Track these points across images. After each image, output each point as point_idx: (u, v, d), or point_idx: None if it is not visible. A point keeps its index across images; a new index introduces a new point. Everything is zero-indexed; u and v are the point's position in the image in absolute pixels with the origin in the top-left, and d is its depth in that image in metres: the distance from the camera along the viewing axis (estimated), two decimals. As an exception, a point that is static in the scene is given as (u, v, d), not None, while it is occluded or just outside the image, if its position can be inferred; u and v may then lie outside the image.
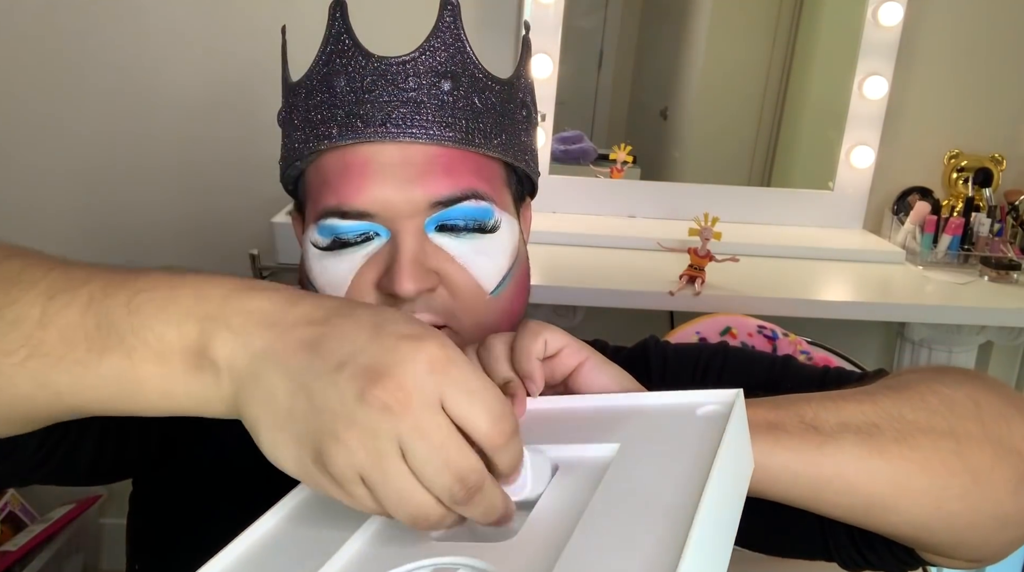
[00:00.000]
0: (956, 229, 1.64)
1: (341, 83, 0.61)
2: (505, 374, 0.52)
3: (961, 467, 0.50)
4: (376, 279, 0.61)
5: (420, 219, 0.61)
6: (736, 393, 0.45)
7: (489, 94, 0.63)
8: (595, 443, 0.44)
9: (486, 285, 0.63)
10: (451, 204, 0.61)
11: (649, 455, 0.41)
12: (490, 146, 0.63)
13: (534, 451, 0.41)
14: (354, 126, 0.60)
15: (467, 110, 0.62)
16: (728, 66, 2.02)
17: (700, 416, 0.45)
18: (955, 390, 0.54)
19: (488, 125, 0.63)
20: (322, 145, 0.61)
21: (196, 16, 1.64)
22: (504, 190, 0.66)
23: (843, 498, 0.50)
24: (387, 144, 0.60)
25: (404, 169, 0.60)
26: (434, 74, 0.61)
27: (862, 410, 0.52)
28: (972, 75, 1.79)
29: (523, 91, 0.67)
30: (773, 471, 0.49)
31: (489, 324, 0.63)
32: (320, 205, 0.62)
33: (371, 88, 0.60)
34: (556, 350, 0.53)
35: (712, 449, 0.40)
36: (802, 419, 0.51)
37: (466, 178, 0.61)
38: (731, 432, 0.41)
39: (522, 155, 0.67)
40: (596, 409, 0.49)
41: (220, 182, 1.72)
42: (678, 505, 0.36)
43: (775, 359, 0.68)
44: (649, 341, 0.73)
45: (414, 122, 0.60)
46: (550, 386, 0.54)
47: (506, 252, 0.64)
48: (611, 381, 0.53)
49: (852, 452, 0.49)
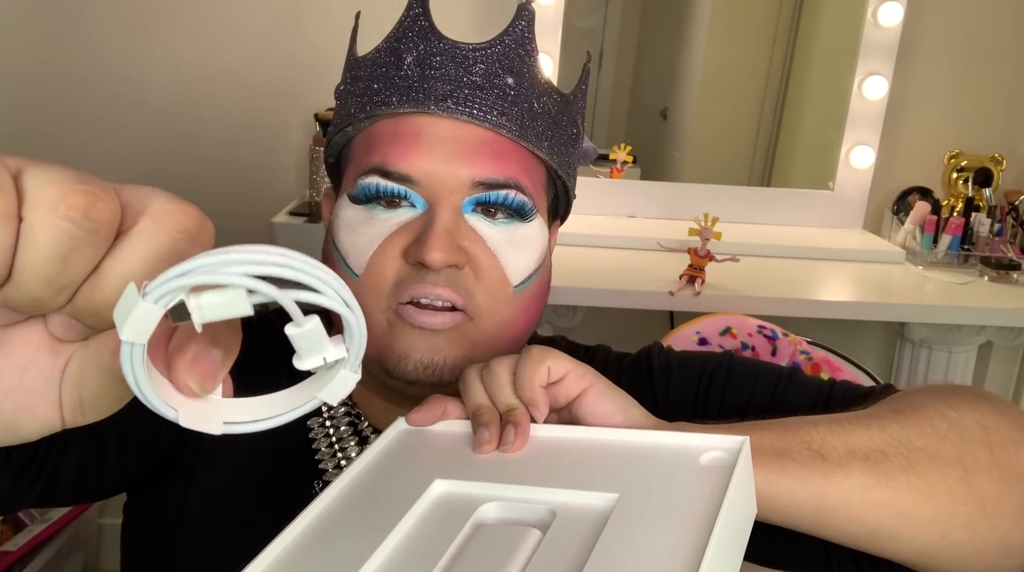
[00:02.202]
0: (956, 229, 1.64)
1: (410, 59, 0.62)
2: (509, 401, 0.51)
3: (968, 496, 0.50)
4: (405, 247, 0.60)
5: (460, 197, 0.61)
6: (742, 441, 0.44)
7: (547, 101, 0.64)
8: (593, 490, 0.43)
9: (512, 277, 0.62)
10: (494, 188, 0.61)
11: (649, 510, 0.40)
12: (540, 146, 0.63)
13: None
14: (415, 97, 0.61)
15: (525, 107, 0.62)
16: (728, 66, 2.02)
17: (704, 465, 0.44)
18: (964, 414, 0.54)
19: (541, 128, 0.64)
20: (379, 110, 0.62)
21: (197, 16, 1.64)
22: (543, 196, 0.66)
23: (848, 526, 0.50)
24: (444, 119, 0.61)
25: (455, 145, 0.60)
26: (501, 67, 0.62)
27: (870, 436, 0.51)
28: (972, 75, 1.79)
29: (577, 112, 0.68)
30: (779, 498, 0.49)
31: (505, 318, 0.63)
32: (363, 164, 0.62)
33: (439, 66, 0.61)
34: (560, 376, 0.52)
35: (715, 505, 0.39)
36: (809, 446, 0.50)
37: (513, 168, 0.62)
38: (735, 485, 0.40)
39: (566, 167, 0.67)
40: (598, 446, 0.48)
41: (220, 182, 1.72)
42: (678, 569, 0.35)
43: (781, 372, 0.67)
44: (653, 348, 0.72)
45: (474, 104, 0.61)
46: (554, 411, 0.53)
47: (536, 251, 0.64)
48: (615, 409, 0.52)
49: (858, 481, 0.49)
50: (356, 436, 0.68)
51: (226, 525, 0.65)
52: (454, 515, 0.43)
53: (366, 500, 0.45)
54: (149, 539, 0.68)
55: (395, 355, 0.61)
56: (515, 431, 0.49)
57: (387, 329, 0.61)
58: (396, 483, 0.46)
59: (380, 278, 0.61)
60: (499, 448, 0.49)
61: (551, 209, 0.69)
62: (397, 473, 0.48)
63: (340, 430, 0.67)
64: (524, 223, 0.63)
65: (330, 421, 0.68)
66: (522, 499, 0.43)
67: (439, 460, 0.49)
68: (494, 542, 0.40)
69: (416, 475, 0.46)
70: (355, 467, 0.48)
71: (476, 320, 0.62)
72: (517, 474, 0.46)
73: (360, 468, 0.49)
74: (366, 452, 0.50)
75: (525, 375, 0.51)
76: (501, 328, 0.63)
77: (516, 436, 0.49)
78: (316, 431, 0.67)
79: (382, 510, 0.43)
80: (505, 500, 0.44)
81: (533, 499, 0.43)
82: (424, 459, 0.50)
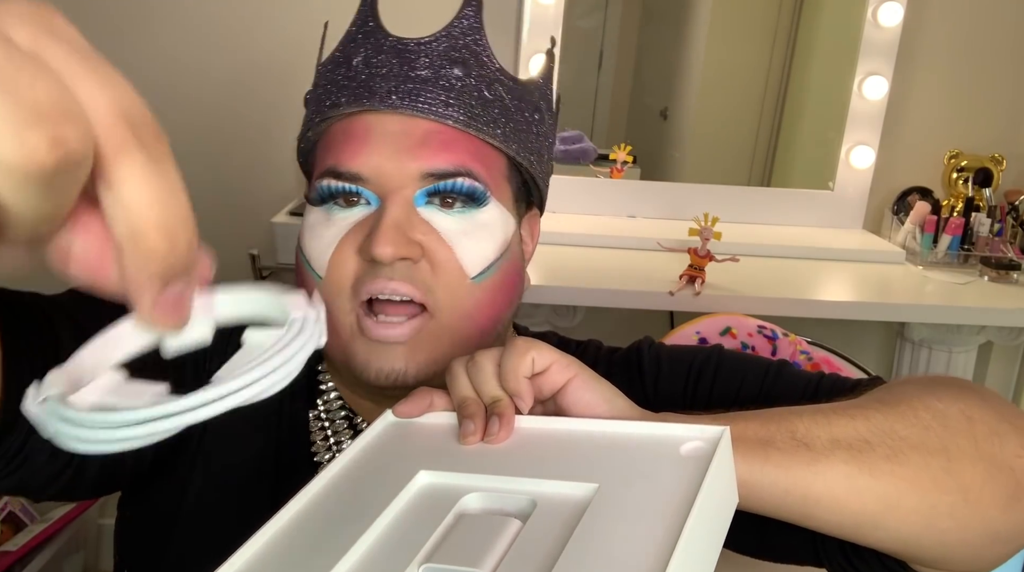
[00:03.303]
0: (956, 229, 1.64)
1: (359, 59, 0.64)
2: (494, 392, 0.52)
3: (952, 485, 0.50)
4: (359, 245, 0.61)
5: (411, 190, 0.61)
6: (722, 431, 0.45)
7: (500, 88, 0.64)
8: (573, 480, 0.43)
9: (469, 268, 0.62)
10: (443, 178, 0.61)
11: (627, 500, 0.41)
12: (492, 134, 0.63)
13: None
14: (361, 96, 0.62)
15: (474, 96, 0.63)
16: (728, 66, 2.02)
17: (684, 454, 0.44)
18: (949, 405, 0.54)
19: (493, 115, 0.64)
20: (331, 112, 0.64)
21: (198, 18, 1.64)
22: (504, 184, 0.66)
23: (832, 515, 0.50)
24: (390, 114, 0.62)
25: (401, 139, 0.61)
26: (446, 59, 0.62)
27: (854, 426, 0.51)
28: (972, 75, 1.79)
29: (540, 97, 0.68)
30: (763, 488, 0.49)
31: (466, 310, 0.63)
32: (320, 167, 0.64)
33: (384, 63, 0.62)
34: (544, 367, 0.52)
35: (692, 494, 0.39)
36: (793, 435, 0.50)
37: (462, 156, 0.62)
38: (713, 475, 0.41)
39: (527, 154, 0.67)
40: (580, 437, 0.49)
41: (220, 182, 1.72)
42: (651, 562, 0.35)
43: (769, 365, 0.67)
44: (643, 343, 0.73)
45: (419, 98, 0.61)
46: (539, 402, 0.53)
47: (495, 240, 0.64)
48: (600, 399, 0.53)
49: (842, 470, 0.49)
50: (351, 429, 0.69)
51: (224, 515, 0.65)
52: (437, 505, 0.44)
53: (352, 490, 0.46)
54: (147, 531, 0.68)
55: (358, 363, 0.62)
56: (499, 422, 0.49)
57: (350, 335, 0.62)
58: (382, 474, 0.48)
59: (340, 276, 0.62)
60: (484, 439, 0.49)
61: (518, 197, 0.69)
62: (383, 464, 0.49)
63: (336, 424, 0.69)
64: (479, 209, 0.63)
65: (326, 415, 0.69)
66: (504, 489, 0.44)
67: (424, 451, 0.50)
68: (475, 531, 0.40)
69: (401, 466, 0.47)
70: (343, 458, 0.50)
71: (436, 315, 0.62)
72: (500, 465, 0.47)
73: (347, 459, 0.50)
74: (354, 443, 0.51)
75: (510, 366, 0.52)
76: (464, 321, 0.63)
77: (500, 427, 0.49)
78: (312, 424, 0.68)
79: (367, 500, 0.44)
80: (487, 491, 0.44)
81: (515, 489, 0.44)
82: (409, 450, 0.50)
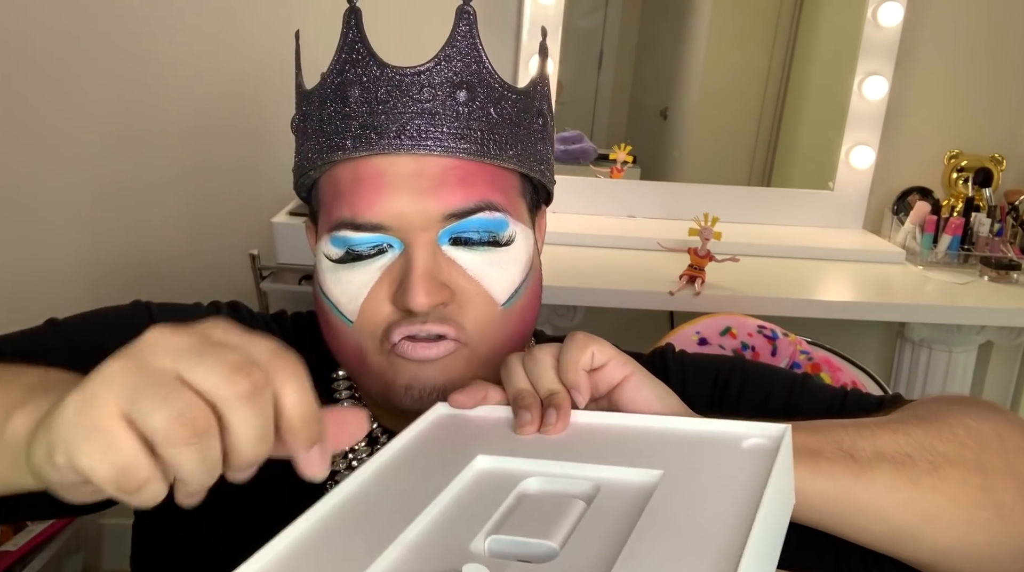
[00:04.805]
0: (956, 229, 1.64)
1: (355, 93, 0.60)
2: (552, 385, 0.52)
3: (987, 501, 0.52)
4: (391, 294, 0.61)
5: (434, 231, 0.60)
6: (785, 428, 0.45)
7: (505, 104, 0.62)
8: (638, 467, 0.43)
9: (498, 297, 0.62)
10: (465, 216, 0.60)
11: (694, 486, 0.41)
12: (505, 157, 0.62)
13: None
14: (367, 138, 0.60)
15: (483, 121, 0.61)
16: (728, 66, 2.02)
17: (746, 449, 0.44)
18: (981, 423, 0.55)
19: (504, 136, 0.62)
20: (335, 156, 0.61)
21: (197, 18, 1.64)
22: (519, 200, 0.66)
23: (875, 526, 0.51)
24: (401, 156, 0.60)
25: (418, 181, 0.59)
26: (450, 85, 0.60)
27: (896, 440, 0.52)
28: (972, 75, 1.79)
29: (540, 99, 0.67)
30: (812, 496, 0.49)
31: (499, 336, 0.63)
32: (333, 217, 0.62)
33: (385, 99, 0.60)
34: (603, 362, 0.53)
35: (758, 485, 0.39)
36: (840, 446, 0.51)
37: (480, 189, 0.61)
38: (779, 469, 0.41)
39: (537, 165, 0.66)
40: (639, 430, 0.49)
41: (220, 182, 1.72)
42: (725, 544, 0.35)
43: (795, 378, 0.68)
44: (667, 349, 0.73)
45: (428, 134, 0.59)
46: (594, 399, 0.53)
47: (519, 264, 0.64)
48: (655, 397, 0.53)
49: (887, 482, 0.50)
50: (367, 437, 0.68)
51: (242, 524, 0.65)
52: (499, 487, 0.43)
53: (408, 471, 0.46)
54: (166, 530, 0.67)
55: (399, 389, 0.62)
56: (556, 413, 0.49)
57: (387, 366, 0.62)
58: (438, 457, 0.47)
59: (374, 324, 0.62)
60: (540, 430, 0.49)
61: (531, 205, 0.68)
62: (438, 449, 0.49)
63: None
64: (502, 237, 0.62)
65: None
66: (566, 474, 0.44)
67: (480, 438, 0.50)
68: (540, 509, 0.40)
69: (458, 451, 0.47)
70: (395, 444, 0.49)
71: (471, 346, 0.62)
72: (560, 452, 0.47)
73: (400, 445, 0.49)
74: (405, 431, 0.50)
75: (570, 358, 0.52)
76: (495, 344, 0.63)
77: (558, 418, 0.49)
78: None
79: (425, 480, 0.44)
80: (548, 475, 0.44)
81: (576, 474, 0.44)
82: (465, 437, 0.50)
